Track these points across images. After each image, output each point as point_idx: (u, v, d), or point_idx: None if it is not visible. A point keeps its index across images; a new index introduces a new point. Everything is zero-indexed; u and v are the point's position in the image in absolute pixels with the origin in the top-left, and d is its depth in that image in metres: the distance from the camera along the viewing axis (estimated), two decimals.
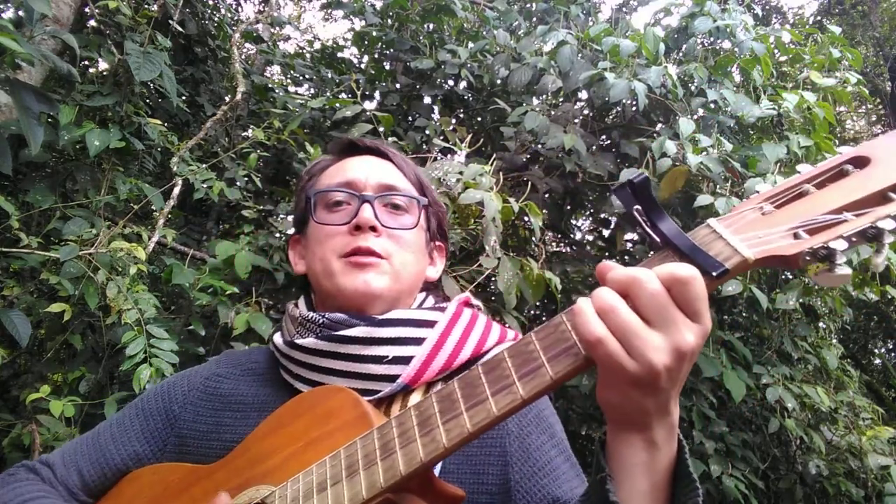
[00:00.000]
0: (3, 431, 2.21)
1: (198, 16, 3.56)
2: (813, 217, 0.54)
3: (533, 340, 0.58)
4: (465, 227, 2.39)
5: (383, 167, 0.93)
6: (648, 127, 3.18)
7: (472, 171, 2.23)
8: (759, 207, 0.58)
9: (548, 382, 0.55)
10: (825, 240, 0.52)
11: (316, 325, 0.83)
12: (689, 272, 0.52)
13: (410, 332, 0.81)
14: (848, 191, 0.55)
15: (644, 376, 0.51)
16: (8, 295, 2.15)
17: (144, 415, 0.90)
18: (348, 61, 4.33)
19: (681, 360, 0.51)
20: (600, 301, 0.53)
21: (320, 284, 0.88)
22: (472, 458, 0.77)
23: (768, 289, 3.21)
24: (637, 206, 0.57)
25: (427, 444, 0.58)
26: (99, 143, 2.27)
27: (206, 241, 3.20)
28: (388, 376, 0.78)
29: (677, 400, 0.56)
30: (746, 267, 0.54)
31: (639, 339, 0.51)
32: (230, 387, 0.89)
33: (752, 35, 3.02)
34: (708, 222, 0.57)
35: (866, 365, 5.64)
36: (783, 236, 0.54)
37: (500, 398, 0.56)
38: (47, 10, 1.89)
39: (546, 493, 0.74)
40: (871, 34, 8.29)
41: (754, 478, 2.98)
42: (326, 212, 0.89)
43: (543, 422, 0.82)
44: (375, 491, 0.59)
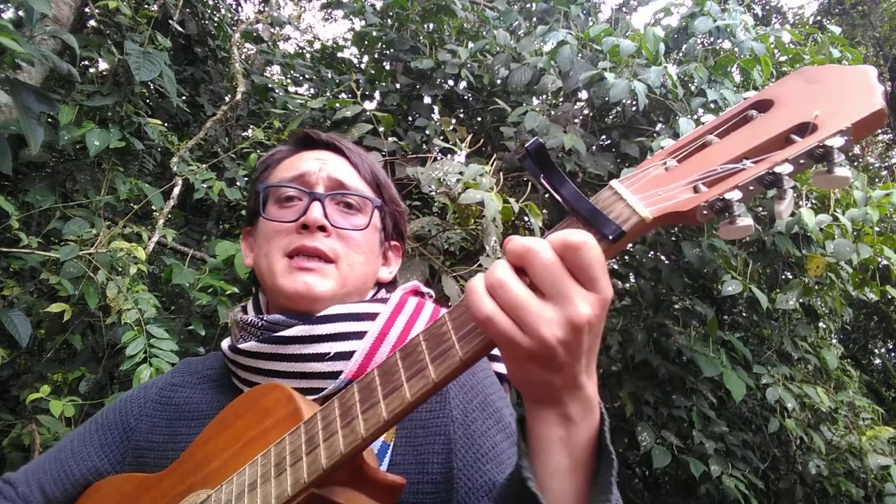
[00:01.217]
0: (3, 431, 2.21)
1: (198, 16, 3.56)
2: (713, 168, 0.51)
3: (446, 321, 0.56)
4: (465, 227, 2.39)
5: (337, 163, 0.91)
6: (648, 127, 3.19)
7: (472, 171, 2.23)
8: (662, 163, 0.55)
9: (457, 364, 0.53)
10: (721, 191, 0.49)
11: (256, 328, 0.82)
12: (579, 238, 0.49)
13: (350, 326, 0.79)
14: (749, 137, 0.52)
15: (539, 351, 0.49)
16: (8, 295, 2.15)
17: (103, 429, 0.90)
18: (348, 61, 4.33)
19: (577, 332, 0.49)
20: (490, 277, 0.51)
21: (264, 281, 0.86)
22: (418, 447, 0.75)
23: (768, 289, 3.21)
24: (541, 174, 0.55)
25: (347, 436, 0.57)
26: (99, 143, 2.27)
27: (206, 241, 3.20)
28: (331, 373, 0.77)
29: (591, 373, 0.54)
30: (646, 227, 0.51)
31: (529, 313, 0.49)
32: (185, 395, 0.89)
33: (752, 35, 3.02)
34: (611, 183, 0.54)
35: (866, 365, 5.64)
36: (683, 191, 0.51)
37: (414, 383, 0.54)
38: (47, 10, 1.89)
39: (488, 478, 0.72)
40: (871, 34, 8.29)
41: (754, 478, 2.98)
42: (276, 207, 0.87)
43: (489, 406, 0.79)
44: (300, 487, 0.58)
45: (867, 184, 2.82)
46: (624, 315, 3.33)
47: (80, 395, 2.19)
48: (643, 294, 3.22)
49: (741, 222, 0.49)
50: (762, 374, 2.99)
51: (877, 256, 2.73)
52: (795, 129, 0.51)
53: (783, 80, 0.56)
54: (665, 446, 2.86)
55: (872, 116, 0.49)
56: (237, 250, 2.34)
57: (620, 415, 3.08)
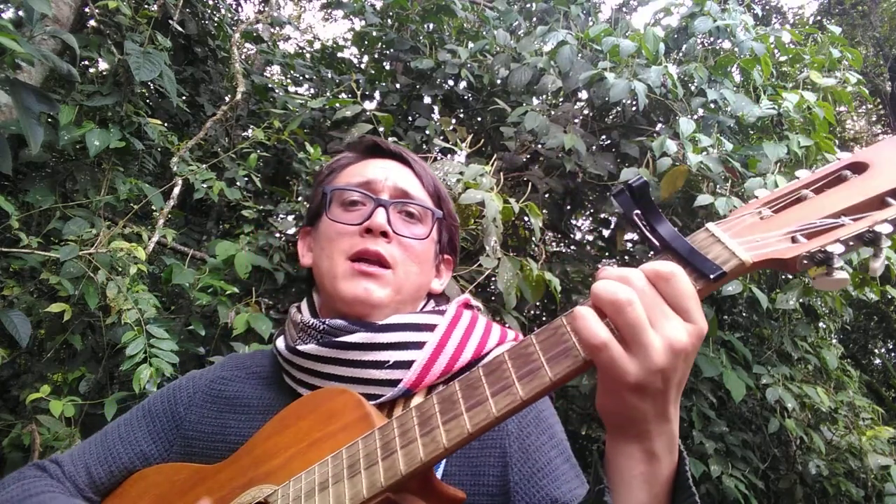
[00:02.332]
0: (3, 431, 2.21)
1: (198, 16, 3.56)
2: (811, 221, 0.54)
3: (533, 342, 0.58)
4: (465, 227, 2.39)
5: (403, 173, 0.93)
6: (648, 127, 3.19)
7: (473, 171, 2.23)
8: (757, 212, 0.58)
9: (547, 384, 0.55)
10: (823, 243, 0.52)
11: (317, 331, 0.83)
12: (669, 268, 0.51)
13: (411, 336, 0.81)
14: (846, 196, 0.55)
15: (643, 377, 0.51)
16: (8, 295, 2.15)
17: (151, 416, 0.91)
18: (348, 61, 4.33)
19: (675, 358, 0.50)
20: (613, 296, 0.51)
21: (323, 283, 0.88)
22: (473, 459, 0.77)
23: (768, 289, 3.21)
24: (637, 211, 0.57)
25: (427, 444, 0.58)
26: (99, 143, 2.27)
27: (206, 241, 3.20)
28: (389, 381, 0.78)
29: (677, 408, 0.55)
30: (744, 270, 0.53)
31: (646, 333, 0.50)
32: (235, 389, 0.90)
33: (752, 35, 3.02)
34: (707, 226, 0.57)
35: (866, 365, 5.64)
36: (781, 240, 0.54)
37: (500, 399, 0.56)
38: (47, 10, 1.89)
39: (545, 493, 0.73)
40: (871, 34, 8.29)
41: (754, 478, 2.98)
42: (341, 210, 0.89)
43: (543, 422, 0.82)
44: (376, 490, 0.59)
45: None
46: None
47: (80, 395, 2.19)
48: None
49: (837, 275, 0.52)
50: (762, 374, 2.99)
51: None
52: (891, 192, 0.54)
53: (878, 146, 0.60)
54: None
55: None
56: (237, 250, 2.34)
57: None
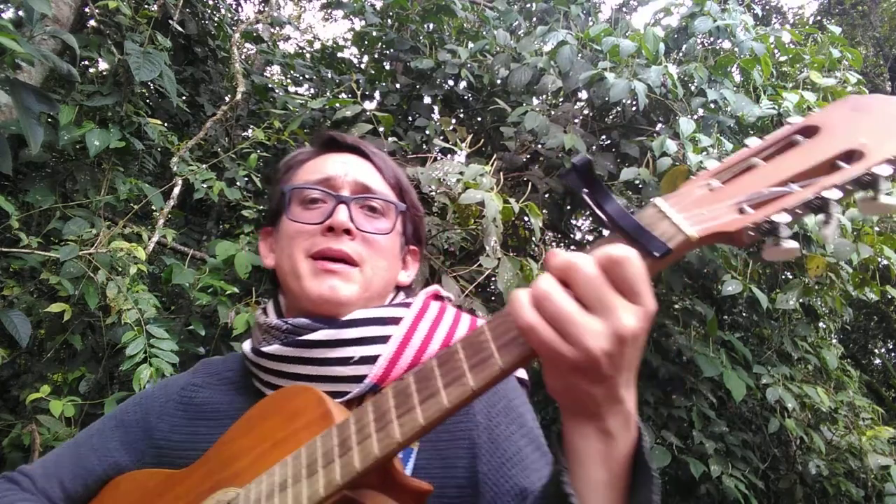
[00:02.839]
0: (3, 431, 2.22)
1: (198, 16, 3.56)
2: (759, 191, 0.52)
3: (485, 330, 0.56)
4: (465, 227, 2.39)
5: (362, 167, 0.91)
6: (648, 127, 3.19)
7: (473, 171, 2.23)
8: (706, 184, 0.55)
9: (497, 372, 0.54)
10: (768, 213, 0.50)
11: (280, 331, 0.82)
12: (622, 252, 0.50)
13: (375, 330, 0.80)
14: (795, 162, 0.53)
15: (583, 362, 0.50)
16: (8, 295, 2.15)
17: (123, 426, 0.90)
18: (348, 61, 4.33)
19: (621, 344, 0.50)
20: (535, 289, 0.52)
21: (287, 282, 0.86)
22: (442, 451, 0.76)
23: (768, 289, 3.21)
24: (585, 190, 0.56)
25: (382, 440, 0.58)
26: (99, 143, 2.27)
27: (206, 241, 3.20)
28: (356, 377, 0.78)
29: (631, 387, 0.54)
30: (690, 245, 0.52)
31: (574, 325, 0.50)
32: (205, 396, 0.89)
33: (752, 35, 3.02)
34: (654, 201, 0.55)
35: (866, 365, 5.64)
36: (728, 212, 0.52)
37: (452, 390, 0.55)
38: (47, 10, 1.89)
39: (514, 483, 0.73)
40: (871, 34, 8.29)
41: (754, 478, 2.98)
42: (301, 208, 0.87)
43: (513, 412, 0.81)
44: (333, 488, 0.59)
45: None
46: None
47: (80, 395, 2.19)
48: None
49: (786, 245, 0.50)
50: (762, 374, 2.99)
51: (877, 256, 2.73)
52: (842, 155, 0.52)
53: (828, 108, 0.57)
54: (665, 446, 2.86)
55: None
56: (237, 250, 2.34)
57: None
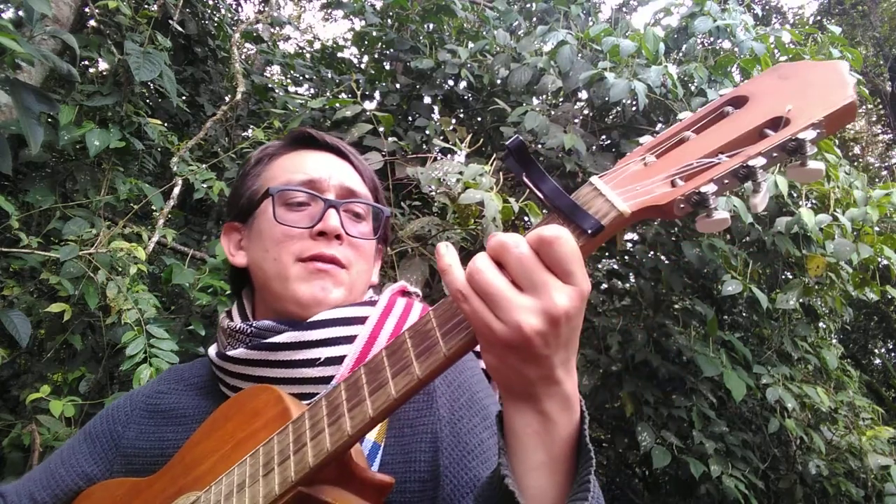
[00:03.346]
0: (3, 431, 2.22)
1: (198, 16, 3.56)
2: (689, 162, 0.52)
3: (431, 318, 0.56)
4: (465, 227, 2.39)
5: (345, 169, 0.91)
6: (648, 127, 3.19)
7: (472, 171, 2.23)
8: (641, 159, 0.56)
9: (441, 360, 0.53)
10: (697, 185, 0.50)
11: (245, 334, 0.82)
12: (553, 232, 0.50)
13: (340, 331, 0.79)
14: (725, 132, 0.54)
15: (515, 340, 0.50)
16: (8, 295, 2.15)
17: (91, 438, 0.90)
18: (348, 61, 4.33)
19: (554, 324, 0.49)
20: (469, 266, 0.52)
21: (269, 285, 0.84)
22: (405, 446, 0.76)
23: (768, 289, 3.21)
24: (523, 172, 0.55)
25: (334, 434, 0.57)
26: (99, 143, 2.27)
27: (206, 241, 3.20)
28: (323, 378, 0.77)
29: (569, 368, 0.54)
30: (624, 221, 0.52)
31: (505, 300, 0.49)
32: (172, 401, 0.89)
33: (752, 35, 3.02)
34: (591, 180, 0.55)
35: (866, 365, 5.64)
36: (660, 185, 0.52)
37: (399, 380, 0.55)
38: (47, 10, 1.88)
39: (473, 475, 0.72)
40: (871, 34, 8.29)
41: (754, 478, 2.98)
42: (285, 210, 0.85)
43: (476, 404, 0.80)
44: (287, 486, 0.59)
45: (867, 184, 2.82)
46: (624, 315, 3.33)
47: (80, 395, 2.19)
48: (643, 294, 3.22)
49: (717, 216, 0.50)
50: (762, 374, 2.99)
51: (877, 256, 2.73)
52: (769, 123, 0.52)
53: (757, 77, 0.57)
54: (665, 446, 2.86)
55: (844, 109, 0.50)
56: None
57: (620, 415, 3.08)
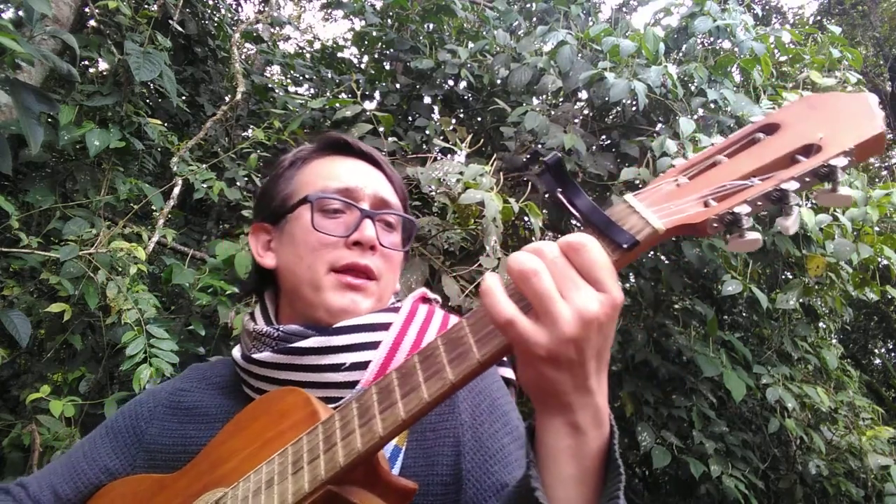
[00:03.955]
0: (3, 431, 2.21)
1: (198, 16, 3.56)
2: (722, 184, 0.55)
3: (464, 325, 0.58)
4: (465, 227, 2.39)
5: (379, 179, 0.91)
6: (648, 127, 3.18)
7: (473, 171, 2.23)
8: (674, 180, 0.59)
9: (475, 365, 0.55)
10: (731, 205, 0.53)
11: (271, 338, 0.83)
12: (580, 238, 0.52)
13: (365, 337, 0.81)
14: (757, 157, 0.56)
15: (552, 348, 0.51)
16: (8, 295, 2.15)
17: (113, 433, 0.91)
18: (348, 61, 4.33)
19: (586, 327, 0.51)
20: (520, 266, 0.52)
21: (300, 290, 0.85)
22: (428, 450, 0.77)
23: (768, 289, 3.21)
24: (559, 189, 0.58)
25: (365, 434, 0.59)
26: (99, 143, 2.27)
27: (206, 241, 3.20)
28: (347, 383, 0.79)
29: (601, 381, 0.55)
30: (658, 237, 0.54)
31: (554, 302, 0.51)
32: (194, 399, 0.90)
33: (752, 35, 3.02)
34: (624, 197, 0.58)
35: (866, 365, 5.64)
36: (693, 205, 0.55)
37: (432, 384, 0.57)
38: (47, 10, 1.88)
39: (496, 479, 0.74)
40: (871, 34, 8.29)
41: (754, 478, 2.98)
42: (320, 216, 0.85)
43: (497, 410, 0.82)
44: (317, 483, 0.60)
45: (867, 184, 2.82)
46: (624, 315, 3.33)
47: (80, 395, 2.19)
48: (643, 294, 3.22)
49: (749, 236, 0.53)
50: (762, 374, 2.99)
51: (877, 256, 2.73)
52: (801, 150, 0.54)
53: (788, 106, 0.60)
54: (665, 446, 2.86)
55: (874, 139, 0.53)
56: (237, 250, 2.33)
57: (620, 415, 3.08)
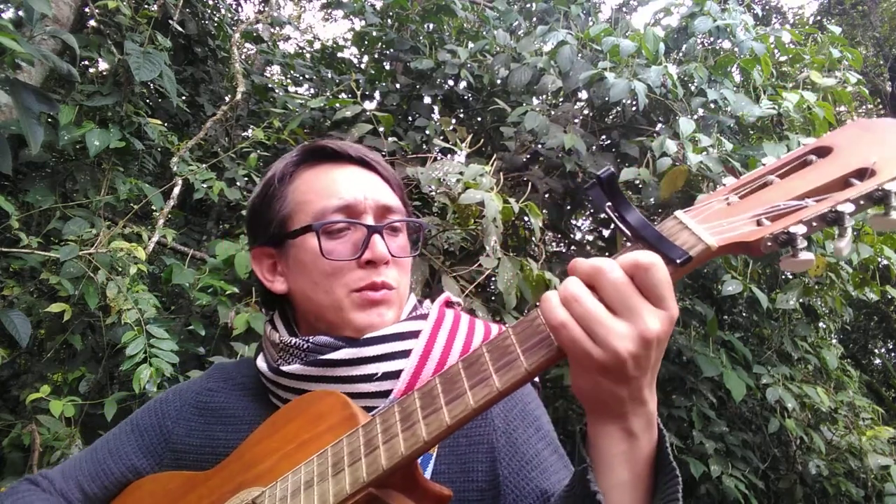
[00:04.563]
0: (3, 431, 2.21)
1: (198, 16, 3.56)
2: (776, 204, 0.55)
3: (510, 335, 0.59)
4: (465, 227, 2.39)
5: (375, 184, 0.88)
6: (648, 127, 3.19)
7: (473, 171, 2.23)
8: (724, 199, 0.59)
9: (522, 374, 0.56)
10: (786, 225, 0.53)
11: (301, 350, 0.82)
12: (649, 259, 0.52)
13: (395, 346, 0.81)
14: (810, 179, 0.56)
15: (610, 363, 0.52)
16: (8, 295, 2.15)
17: (139, 431, 0.91)
18: (348, 61, 4.33)
19: (647, 346, 0.52)
20: (564, 290, 0.54)
21: (322, 314, 0.83)
22: (461, 456, 0.77)
23: (768, 289, 3.21)
24: (609, 203, 0.58)
25: (408, 439, 0.59)
26: (99, 143, 2.27)
27: (206, 241, 3.20)
28: (380, 392, 0.79)
29: (653, 389, 0.56)
30: (711, 254, 0.54)
31: (602, 326, 0.51)
32: (221, 400, 0.90)
33: (752, 35, 3.02)
34: (675, 214, 0.58)
35: (866, 365, 5.64)
36: (746, 223, 0.55)
37: (478, 391, 0.57)
38: (47, 10, 1.88)
39: (535, 486, 0.74)
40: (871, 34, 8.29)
41: (754, 478, 2.98)
42: (327, 239, 0.82)
43: (529, 415, 0.83)
44: (359, 486, 0.60)
45: None
46: None
47: (80, 395, 2.19)
48: None
49: (803, 256, 0.53)
50: (762, 374, 2.99)
51: (877, 256, 2.73)
52: (854, 173, 0.54)
53: (840, 130, 0.60)
54: None
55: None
56: (237, 250, 2.33)
57: None
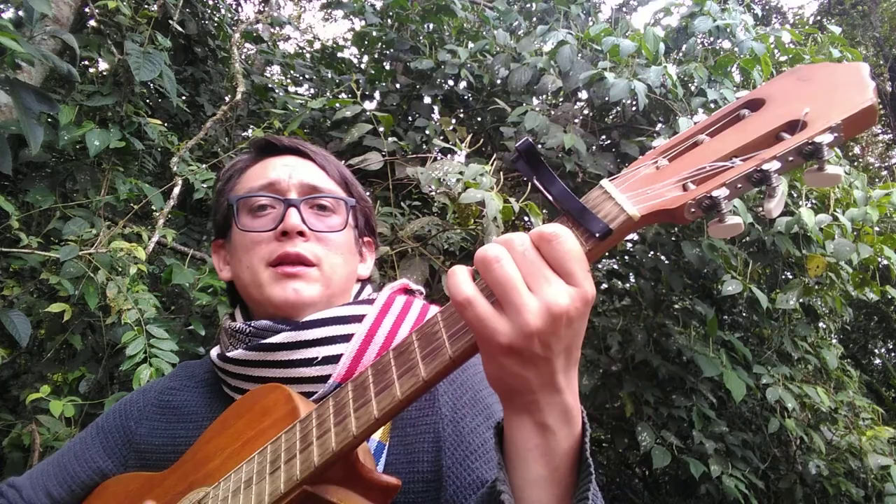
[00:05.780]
0: (3, 431, 2.21)
1: (198, 16, 3.55)
2: (702, 166, 0.51)
3: (438, 320, 0.56)
4: (465, 227, 2.40)
5: (306, 167, 0.90)
6: (648, 127, 3.18)
7: (473, 170, 2.23)
8: (653, 162, 0.55)
9: (447, 362, 0.53)
10: (709, 189, 0.49)
11: (244, 335, 0.82)
12: (553, 230, 0.50)
13: (337, 330, 0.79)
14: (740, 136, 0.52)
15: (516, 341, 0.49)
16: (8, 295, 2.15)
17: (104, 433, 0.91)
18: (348, 61, 4.33)
19: (554, 322, 0.48)
20: (483, 254, 0.50)
21: (249, 294, 0.85)
22: (408, 446, 0.75)
23: (768, 289, 3.21)
24: (533, 175, 0.54)
25: (339, 433, 0.57)
26: (99, 143, 2.27)
27: (206, 241, 3.20)
28: (320, 377, 0.77)
29: (571, 378, 0.53)
30: (633, 225, 0.51)
31: (517, 293, 0.48)
32: (183, 398, 0.90)
33: (752, 35, 3.02)
34: (601, 183, 0.54)
35: (866, 365, 5.63)
36: (671, 189, 0.51)
37: (404, 381, 0.55)
38: (47, 10, 1.88)
39: (476, 476, 0.71)
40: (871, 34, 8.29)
41: (754, 478, 2.98)
42: (250, 217, 0.86)
43: (480, 403, 0.79)
44: (292, 484, 0.59)
45: (867, 183, 2.82)
46: (624, 315, 3.33)
47: (80, 395, 2.19)
48: (643, 294, 3.22)
49: (730, 220, 0.49)
50: (762, 374, 2.99)
51: (877, 256, 2.73)
52: (785, 126, 0.50)
53: (775, 79, 0.56)
54: (665, 446, 2.86)
55: (863, 112, 0.47)
56: None
57: (620, 415, 3.08)
